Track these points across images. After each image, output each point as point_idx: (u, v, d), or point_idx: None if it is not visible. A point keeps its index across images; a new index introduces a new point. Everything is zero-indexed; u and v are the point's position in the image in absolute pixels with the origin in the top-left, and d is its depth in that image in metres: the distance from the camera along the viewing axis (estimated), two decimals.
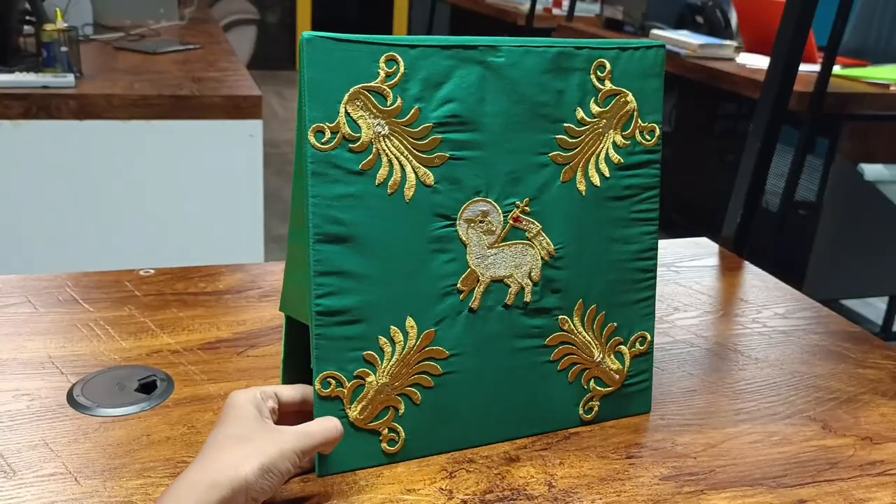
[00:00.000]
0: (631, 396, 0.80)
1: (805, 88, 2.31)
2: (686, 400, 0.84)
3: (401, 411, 0.70)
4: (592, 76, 0.74)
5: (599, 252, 0.76)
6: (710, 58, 2.85)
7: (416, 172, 0.68)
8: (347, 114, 0.66)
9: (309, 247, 0.65)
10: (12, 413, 0.73)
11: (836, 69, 2.43)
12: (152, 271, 1.03)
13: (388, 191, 0.68)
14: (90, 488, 0.65)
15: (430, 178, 0.69)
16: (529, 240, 0.73)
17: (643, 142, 0.77)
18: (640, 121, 0.76)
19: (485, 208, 0.71)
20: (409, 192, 0.68)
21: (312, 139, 0.65)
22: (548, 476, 0.70)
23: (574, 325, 0.76)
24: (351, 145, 0.66)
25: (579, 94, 0.73)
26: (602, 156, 0.75)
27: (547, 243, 0.74)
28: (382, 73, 0.66)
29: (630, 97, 0.75)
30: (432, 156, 0.69)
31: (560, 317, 0.76)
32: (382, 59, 0.66)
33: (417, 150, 0.68)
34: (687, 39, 2.94)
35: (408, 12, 6.46)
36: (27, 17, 2.08)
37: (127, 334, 0.88)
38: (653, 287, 0.80)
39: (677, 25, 3.34)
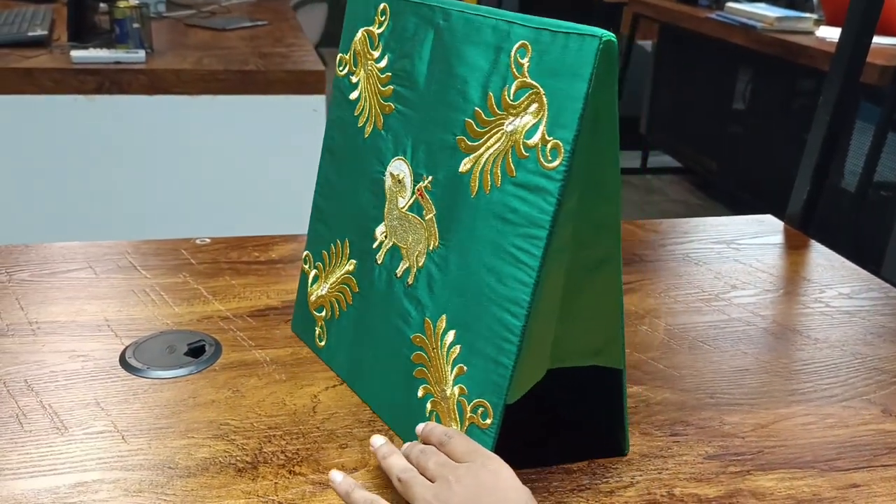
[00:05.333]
0: None
1: (888, 62, 2.20)
2: (738, 379, 0.81)
3: (327, 315, 0.80)
4: (512, 60, 0.60)
5: (472, 273, 0.62)
6: (788, 31, 2.75)
7: (375, 113, 0.74)
8: (354, 49, 0.76)
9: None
10: (68, 373, 0.76)
11: None
12: (208, 240, 1.05)
13: (359, 122, 0.76)
14: (136, 447, 0.67)
15: (381, 123, 0.73)
16: (425, 221, 0.67)
17: (542, 162, 0.57)
18: (545, 133, 0.57)
19: (405, 170, 0.70)
20: (368, 129, 0.75)
21: (336, 66, 0.78)
22: None
23: (434, 338, 0.66)
24: (351, 77, 0.77)
25: (498, 78, 0.61)
26: (500, 160, 0.61)
27: (435, 232, 0.66)
28: (377, 20, 0.74)
29: (543, 97, 0.57)
30: (386, 103, 0.72)
31: (426, 318, 0.66)
32: (380, 7, 0.74)
33: (379, 95, 0.73)
34: (763, 12, 2.84)
35: None
36: None
37: (180, 300, 0.90)
38: (511, 356, 0.59)
39: None
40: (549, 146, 0.57)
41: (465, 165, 0.63)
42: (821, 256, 1.12)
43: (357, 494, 0.60)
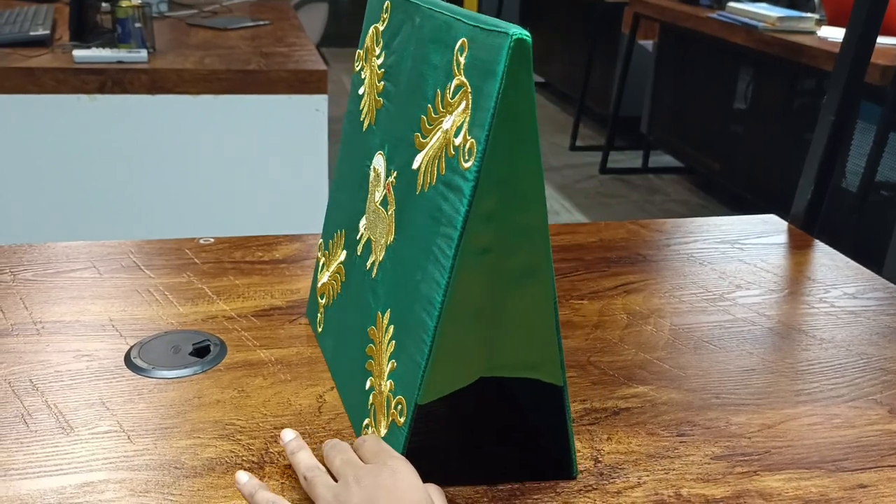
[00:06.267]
0: None
1: (890, 62, 2.20)
2: (743, 379, 0.81)
3: (325, 303, 0.81)
4: (455, 57, 0.58)
5: (408, 270, 0.61)
6: (789, 31, 2.75)
7: (371, 108, 0.75)
8: (366, 46, 0.77)
9: None
10: (73, 372, 0.76)
11: None
12: (212, 240, 1.05)
13: (361, 117, 0.77)
14: (142, 447, 0.66)
15: (374, 118, 0.74)
16: (388, 215, 0.67)
17: (462, 161, 0.55)
18: (467, 131, 0.55)
19: (381, 164, 0.70)
20: (365, 123, 0.76)
21: (355, 63, 0.80)
22: (594, 451, 0.69)
23: (381, 331, 0.64)
24: (361, 73, 0.78)
25: (444, 76, 0.60)
26: (436, 158, 0.59)
27: (393, 227, 0.65)
28: (382, 17, 0.75)
29: (469, 96, 0.56)
30: (379, 98, 0.73)
31: (377, 311, 0.66)
32: (385, 4, 0.74)
33: (376, 91, 0.74)
34: (765, 12, 2.84)
35: None
36: None
37: (184, 300, 0.90)
38: (424, 355, 0.58)
39: None
40: (467, 145, 0.55)
41: (416, 162, 0.62)
42: (825, 256, 1.12)
43: (260, 496, 0.59)
